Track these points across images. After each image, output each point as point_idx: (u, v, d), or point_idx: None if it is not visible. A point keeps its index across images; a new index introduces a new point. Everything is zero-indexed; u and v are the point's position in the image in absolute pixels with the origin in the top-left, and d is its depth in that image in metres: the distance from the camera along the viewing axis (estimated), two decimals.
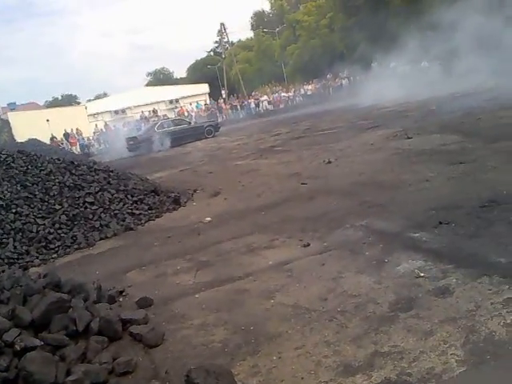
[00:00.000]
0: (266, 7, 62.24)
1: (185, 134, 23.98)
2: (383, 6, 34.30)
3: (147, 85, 69.25)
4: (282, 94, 39.24)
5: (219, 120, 32.69)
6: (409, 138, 9.62)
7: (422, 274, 3.46)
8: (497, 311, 2.78)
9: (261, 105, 38.61)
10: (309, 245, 4.67)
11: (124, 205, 7.48)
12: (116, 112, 43.96)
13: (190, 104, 41.52)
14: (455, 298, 3.05)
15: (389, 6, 34.68)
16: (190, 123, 25.83)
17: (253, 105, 38.63)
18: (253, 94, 42.03)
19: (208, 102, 44.25)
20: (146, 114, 37.43)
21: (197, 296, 3.97)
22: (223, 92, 46.41)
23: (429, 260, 3.70)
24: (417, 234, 4.32)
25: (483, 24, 21.11)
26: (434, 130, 10.02)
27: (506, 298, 2.90)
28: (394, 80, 24.85)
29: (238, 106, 39.52)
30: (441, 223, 4.43)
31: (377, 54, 29.57)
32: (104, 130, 34.79)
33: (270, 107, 38.23)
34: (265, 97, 39.92)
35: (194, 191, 9.00)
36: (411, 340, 2.67)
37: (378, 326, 2.89)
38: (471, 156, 6.90)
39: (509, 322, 2.65)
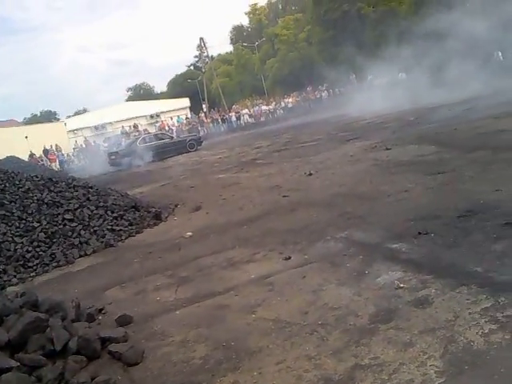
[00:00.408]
0: (245, 21, 62.87)
1: (167, 148, 23.91)
2: (359, 20, 34.94)
3: (128, 100, 69.15)
4: (263, 107, 39.46)
5: (201, 134, 32.71)
6: (387, 149, 9.74)
7: (402, 285, 3.48)
8: (475, 321, 2.81)
9: (242, 118, 38.76)
10: (290, 258, 4.67)
11: (104, 221, 7.40)
12: (96, 127, 43.61)
13: (171, 118, 41.50)
14: (434, 308, 3.07)
15: (365, 19, 35.33)
16: (172, 137, 25.83)
17: (234, 118, 38.75)
18: (234, 107, 42.22)
19: (189, 116, 44.24)
20: (127, 128, 37.22)
21: (177, 312, 3.94)
22: (204, 106, 46.47)
23: (408, 271, 3.73)
24: (396, 245, 4.36)
25: (458, 36, 21.62)
26: (411, 140, 10.17)
27: (484, 307, 2.94)
28: (372, 92, 25.24)
29: (219, 120, 39.59)
30: (420, 233, 4.47)
31: (355, 66, 30.02)
32: (84, 146, 34.48)
33: (251, 120, 38.40)
34: (245, 110, 40.12)
35: (175, 206, 8.96)
36: (391, 352, 2.68)
37: (358, 339, 2.89)
38: (448, 166, 7.01)
39: (486, 331, 2.68)
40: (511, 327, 2.66)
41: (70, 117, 56.04)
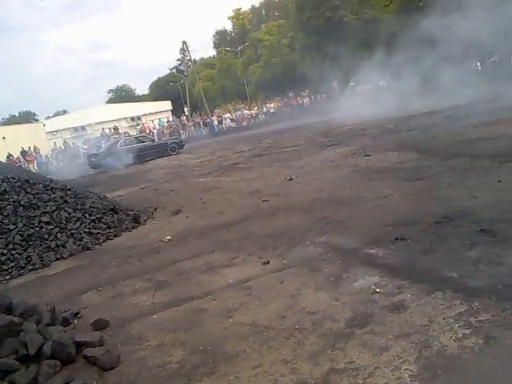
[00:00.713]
0: (228, 26, 62.99)
1: (148, 151, 23.89)
2: (342, 27, 35.30)
3: (108, 102, 68.51)
4: (245, 112, 39.47)
5: (182, 137, 32.56)
6: (367, 155, 9.84)
7: (378, 290, 3.51)
8: (449, 326, 2.85)
9: (224, 122, 38.70)
10: (269, 262, 4.68)
11: (81, 224, 7.31)
12: (76, 129, 43.09)
13: (152, 121, 41.24)
14: (409, 313, 3.10)
15: (347, 27, 35.71)
16: (153, 140, 25.78)
17: (216, 122, 38.65)
18: (216, 111, 42.12)
19: (171, 119, 44.02)
20: (107, 131, 36.83)
21: (154, 316, 3.90)
22: (186, 109, 46.32)
23: (385, 276, 3.77)
24: (374, 250, 4.40)
25: (438, 46, 22.00)
26: (391, 147, 10.29)
27: (458, 312, 2.98)
28: (354, 99, 25.49)
29: (201, 124, 39.49)
30: (397, 239, 4.53)
31: (336, 73, 30.28)
32: (63, 148, 34.02)
33: (233, 125, 38.37)
34: (228, 114, 40.06)
35: (155, 209, 8.90)
36: (366, 356, 2.70)
37: (334, 343, 2.91)
38: (427, 173, 7.11)
39: (460, 336, 2.72)
40: (484, 332, 2.70)
41: (49, 118, 55.38)
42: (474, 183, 6.03)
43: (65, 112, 65.44)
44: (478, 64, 28.88)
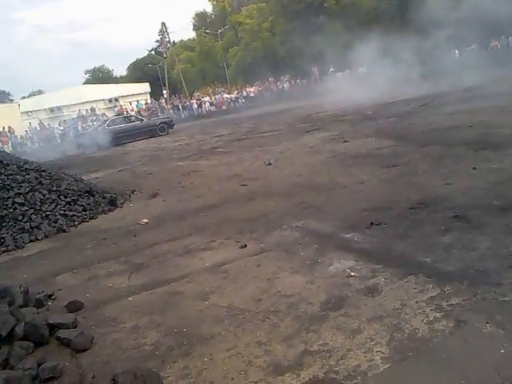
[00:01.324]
0: (208, 8, 62.04)
1: (137, 131, 23.74)
2: (322, 12, 35.16)
3: (85, 83, 67.13)
4: (225, 96, 39.15)
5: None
6: (345, 141, 9.89)
7: (353, 274, 3.56)
8: (421, 309, 2.90)
9: (203, 106, 38.35)
10: (246, 246, 4.69)
11: (56, 206, 7.19)
12: (52, 110, 42.15)
13: (130, 103, 40.58)
14: (383, 296, 3.16)
15: (328, 12, 35.59)
16: (141, 120, 25.25)
17: (195, 105, 38.28)
18: (195, 94, 41.68)
19: (149, 101, 43.41)
20: (84, 112, 36.19)
21: (130, 299, 3.88)
22: (165, 92, 45.67)
23: (360, 260, 3.82)
24: (349, 235, 4.45)
25: (419, 33, 22.15)
26: (369, 134, 10.37)
27: (430, 296, 3.04)
28: (333, 84, 25.54)
29: (180, 107, 39.03)
30: (372, 224, 4.58)
31: (316, 58, 30.25)
32: (38, 129, 33.31)
33: (213, 108, 38.04)
34: (207, 98, 39.67)
35: (132, 192, 8.81)
36: (340, 338, 2.74)
37: (308, 325, 2.94)
38: (403, 160, 7.19)
39: (431, 319, 2.77)
40: (455, 315, 2.77)
41: (24, 98, 53.93)
42: (448, 170, 6.13)
43: (40, 92, 63.88)
44: (457, 52, 29.17)
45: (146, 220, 6.51)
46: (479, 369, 2.29)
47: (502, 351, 2.38)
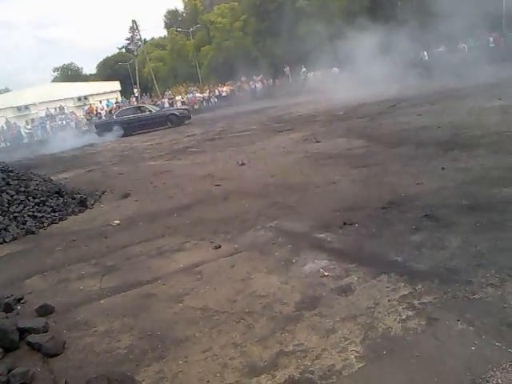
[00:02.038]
0: (180, 6, 61.58)
1: (146, 121, 23.69)
2: (293, 12, 35.36)
3: (54, 81, 65.80)
4: (197, 95, 38.96)
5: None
6: (317, 141, 9.97)
7: (327, 273, 3.59)
8: (393, 308, 2.95)
9: (175, 105, 38.04)
10: (220, 247, 4.67)
11: (25, 207, 7.01)
12: (19, 108, 41.21)
13: (100, 102, 40.01)
14: (356, 295, 3.19)
15: (299, 12, 35.79)
16: (151, 111, 24.65)
17: (167, 104, 37.91)
18: (167, 93, 41.30)
19: (119, 99, 42.86)
20: (52, 111, 35.46)
21: (102, 302, 3.82)
22: (136, 90, 45.13)
23: (333, 259, 3.85)
24: (323, 235, 4.48)
25: (389, 35, 22.51)
26: (340, 134, 10.48)
27: (402, 294, 3.09)
28: (305, 85, 25.70)
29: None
30: (345, 224, 4.63)
31: (289, 58, 30.40)
32: (5, 128, 32.47)
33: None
34: (179, 97, 39.37)
35: (103, 193, 8.67)
36: (314, 338, 2.76)
37: (283, 326, 2.95)
38: (374, 160, 7.29)
39: (404, 317, 2.82)
40: (427, 313, 2.82)
41: None
42: (418, 170, 6.24)
43: (7, 90, 62.24)
44: (425, 54, 29.77)
45: (117, 221, 6.41)
46: (451, 366, 2.34)
47: (473, 348, 2.43)
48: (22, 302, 4.05)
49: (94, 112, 35.45)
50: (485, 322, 2.63)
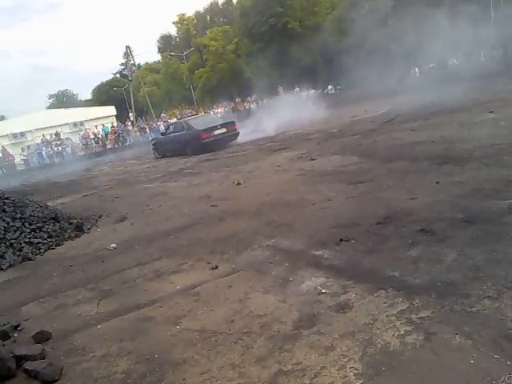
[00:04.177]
0: (173, 31, 62.30)
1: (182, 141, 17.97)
2: (285, 34, 35.85)
3: (49, 107, 66.24)
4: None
5: (127, 142, 31.60)
6: (312, 159, 10.02)
7: (324, 291, 3.58)
8: (391, 323, 2.94)
9: None
10: (217, 267, 4.66)
11: (21, 233, 6.99)
12: (15, 135, 41.35)
13: (96, 127, 40.19)
14: (354, 312, 3.18)
15: (291, 33, 36.29)
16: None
17: (162, 127, 38.08)
18: (162, 115, 41.55)
19: (115, 124, 43.06)
20: (48, 137, 35.59)
21: (99, 327, 3.79)
22: (131, 114, 45.44)
23: (330, 276, 3.85)
24: (319, 252, 4.48)
25: (380, 53, 22.81)
26: (335, 151, 10.53)
27: (400, 310, 3.09)
28: (299, 104, 25.88)
29: (147, 129, 38.82)
30: (341, 240, 4.63)
31: (282, 79, 30.70)
32: (1, 155, 32.53)
33: None
34: (174, 119, 39.60)
35: (99, 217, 8.65)
36: (313, 356, 2.74)
37: (282, 345, 2.93)
38: (368, 176, 7.32)
39: (402, 333, 2.81)
40: (425, 328, 2.81)
41: None
42: (413, 185, 6.27)
43: (3, 118, 62.60)
44: (417, 70, 30.16)
45: (114, 245, 6.40)
46: (450, 380, 2.33)
47: (472, 361, 2.42)
48: (18, 329, 4.02)
49: (91, 136, 35.58)
50: (483, 334, 2.63)
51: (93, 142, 35.08)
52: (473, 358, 2.45)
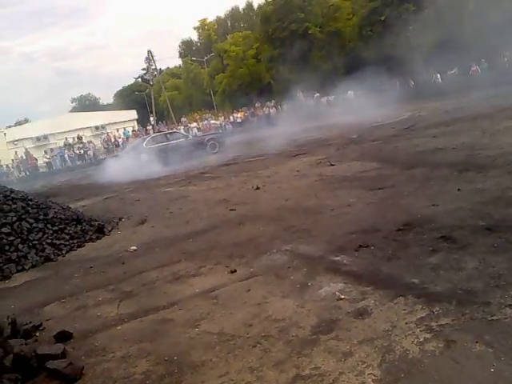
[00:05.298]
0: (194, 36, 62.88)
1: (181, 150, 19.17)
2: (306, 39, 35.87)
3: (72, 111, 67.29)
4: (212, 122, 39.42)
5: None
6: (332, 165, 10.00)
7: (343, 297, 3.57)
8: (411, 330, 2.92)
9: (190, 131, 38.49)
10: (235, 271, 4.68)
11: (44, 235, 7.12)
12: (38, 138, 42.07)
13: (117, 130, 40.66)
14: (373, 318, 3.17)
15: (312, 39, 36.30)
16: (187, 137, 21.69)
17: (182, 131, 38.43)
18: (182, 120, 41.87)
19: (136, 128, 43.54)
20: (70, 140, 36.17)
21: (119, 328, 3.84)
22: (152, 118, 45.80)
23: (349, 282, 3.83)
24: (338, 258, 4.47)
25: (402, 57, 22.67)
26: (354, 157, 10.50)
27: (419, 317, 3.06)
28: (319, 109, 25.89)
29: None
30: (361, 246, 4.61)
31: (302, 84, 30.69)
32: (24, 158, 33.18)
33: (200, 134, 38.19)
34: (194, 124, 39.89)
35: (120, 219, 8.77)
36: (331, 362, 2.74)
37: (300, 350, 2.93)
38: (389, 182, 7.28)
39: (421, 340, 2.79)
40: (445, 336, 2.78)
41: (10, 127, 53.74)
42: (434, 192, 6.21)
43: (26, 121, 63.79)
44: (439, 76, 29.84)
45: (134, 247, 6.48)
46: None
47: (492, 370, 2.39)
48: (40, 328, 4.09)
49: (112, 140, 36.06)
50: (504, 343, 2.59)
51: (114, 145, 35.51)
52: (493, 366, 2.42)
